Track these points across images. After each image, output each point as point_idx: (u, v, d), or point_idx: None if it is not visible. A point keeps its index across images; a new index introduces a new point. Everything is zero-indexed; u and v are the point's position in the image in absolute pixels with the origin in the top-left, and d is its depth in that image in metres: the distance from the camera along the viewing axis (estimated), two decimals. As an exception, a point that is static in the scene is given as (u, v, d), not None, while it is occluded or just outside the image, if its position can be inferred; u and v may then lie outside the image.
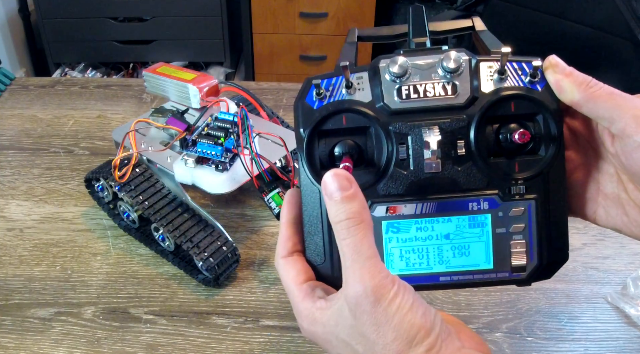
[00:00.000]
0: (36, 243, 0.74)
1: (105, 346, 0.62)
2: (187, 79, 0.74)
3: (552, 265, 0.39)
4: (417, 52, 0.39)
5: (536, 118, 0.38)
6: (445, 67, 0.37)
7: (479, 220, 0.38)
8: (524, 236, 0.39)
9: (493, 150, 0.39)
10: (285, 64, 2.36)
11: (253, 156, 0.65)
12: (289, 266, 0.39)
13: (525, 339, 0.62)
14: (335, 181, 0.34)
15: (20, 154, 0.89)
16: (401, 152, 0.38)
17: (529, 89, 0.38)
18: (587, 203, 0.41)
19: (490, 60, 0.38)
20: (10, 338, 0.63)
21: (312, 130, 0.38)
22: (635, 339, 0.63)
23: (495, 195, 0.38)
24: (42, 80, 1.08)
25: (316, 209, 0.39)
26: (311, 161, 0.39)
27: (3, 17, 2.27)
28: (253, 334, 0.63)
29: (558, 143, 0.38)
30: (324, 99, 0.38)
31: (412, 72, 0.38)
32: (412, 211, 0.38)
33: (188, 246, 0.66)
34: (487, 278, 0.39)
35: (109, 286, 0.68)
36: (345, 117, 0.38)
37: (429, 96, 0.38)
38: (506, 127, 0.38)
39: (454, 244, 0.39)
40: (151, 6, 2.21)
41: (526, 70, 0.38)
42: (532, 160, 0.38)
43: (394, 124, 0.38)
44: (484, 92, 0.38)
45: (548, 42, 1.49)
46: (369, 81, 0.38)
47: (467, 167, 0.38)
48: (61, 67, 2.37)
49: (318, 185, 0.38)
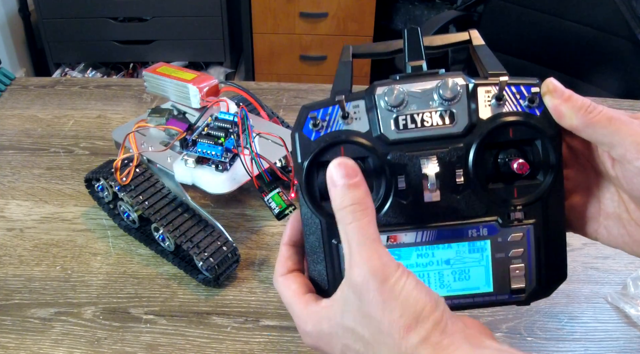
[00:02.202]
0: (36, 243, 0.74)
1: (105, 346, 0.62)
2: (187, 79, 0.74)
3: (550, 285, 0.40)
4: (414, 77, 0.38)
5: (535, 143, 0.38)
6: (442, 95, 0.37)
7: (478, 246, 0.39)
8: (523, 260, 0.39)
9: (492, 175, 0.39)
10: (285, 64, 2.36)
11: (253, 156, 0.65)
12: (289, 281, 0.40)
13: (525, 339, 0.62)
14: (342, 169, 0.35)
15: (20, 154, 0.89)
16: (400, 181, 0.38)
17: (528, 114, 0.37)
18: (588, 222, 0.41)
19: (487, 85, 0.38)
20: (10, 338, 0.63)
21: (310, 161, 0.38)
22: (635, 339, 0.63)
23: (495, 221, 0.38)
24: (42, 80, 1.08)
25: (318, 239, 0.39)
26: (311, 192, 0.39)
27: (3, 17, 2.27)
28: (253, 334, 0.63)
29: (556, 168, 0.38)
30: (321, 130, 0.38)
31: (408, 101, 0.38)
32: (413, 240, 0.39)
33: (188, 246, 0.66)
34: (487, 300, 0.40)
35: (109, 286, 0.68)
36: (343, 147, 0.38)
37: (426, 126, 0.37)
38: (505, 153, 0.38)
39: (454, 269, 0.39)
40: (151, 6, 2.21)
41: (524, 94, 0.38)
42: (531, 185, 0.38)
43: (392, 154, 0.38)
44: (482, 118, 0.37)
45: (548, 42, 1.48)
46: (366, 110, 0.38)
47: (466, 194, 0.38)
48: (61, 67, 2.37)
49: (319, 216, 0.39)
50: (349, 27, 2.26)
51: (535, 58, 1.50)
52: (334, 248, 0.39)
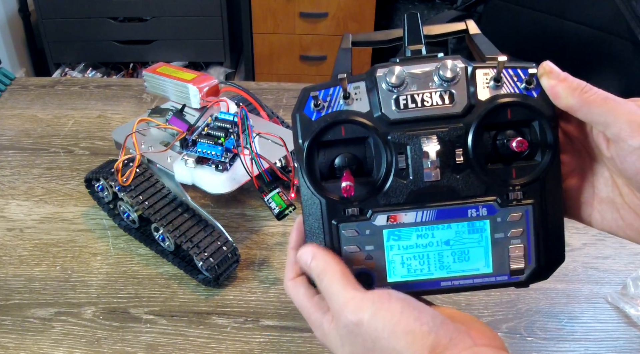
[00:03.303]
0: (36, 243, 0.74)
1: (105, 346, 0.62)
2: (187, 79, 0.74)
3: (549, 267, 0.40)
4: (413, 60, 0.39)
5: (532, 124, 0.39)
6: (442, 76, 0.38)
7: (477, 226, 0.39)
8: (522, 241, 0.39)
9: (490, 156, 0.39)
10: (285, 64, 2.36)
11: (253, 156, 0.65)
12: (298, 285, 0.41)
13: (525, 339, 0.62)
14: (301, 259, 0.39)
15: (20, 154, 0.89)
16: (400, 161, 0.38)
17: (525, 96, 0.38)
18: (582, 207, 0.41)
19: (486, 67, 0.39)
20: (10, 338, 0.63)
21: (311, 141, 0.38)
22: (635, 339, 0.63)
23: (494, 201, 0.39)
24: (42, 80, 1.08)
25: (318, 220, 0.39)
26: (311, 172, 0.39)
27: (3, 17, 2.27)
28: (253, 334, 0.63)
29: (554, 148, 0.38)
30: (322, 110, 0.38)
31: (409, 81, 0.38)
32: (413, 220, 0.39)
33: (188, 246, 0.66)
34: (486, 281, 0.40)
35: (109, 286, 0.68)
36: (343, 127, 0.38)
37: (426, 105, 0.38)
38: (503, 134, 0.39)
39: (454, 250, 0.40)
40: (151, 6, 2.21)
41: (522, 76, 0.38)
42: (529, 166, 0.39)
43: (393, 134, 0.38)
44: (481, 99, 0.38)
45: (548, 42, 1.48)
46: (367, 91, 0.39)
47: (465, 174, 0.38)
48: (61, 67, 2.37)
49: (319, 196, 0.39)
50: (349, 27, 2.26)
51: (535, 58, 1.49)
52: (334, 228, 0.39)
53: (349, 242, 0.39)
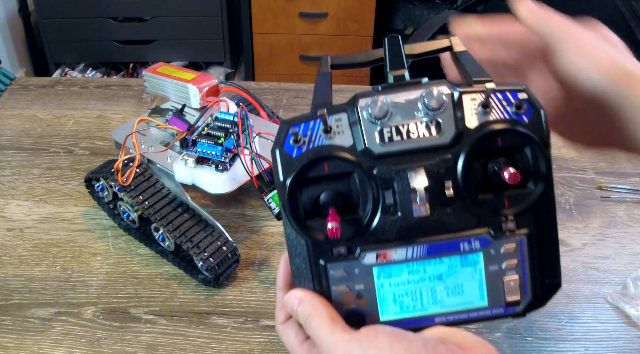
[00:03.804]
0: (36, 243, 0.74)
1: (105, 346, 0.62)
2: (187, 79, 0.74)
3: (545, 295, 0.39)
4: (396, 87, 0.37)
5: (524, 150, 0.37)
6: (427, 105, 0.36)
7: (471, 259, 0.38)
8: (517, 272, 0.38)
9: (481, 185, 0.37)
10: (285, 64, 2.36)
11: (253, 156, 0.65)
12: (288, 330, 0.40)
13: (525, 339, 0.62)
14: (287, 305, 0.39)
15: (20, 154, 0.89)
16: (387, 196, 0.36)
17: (515, 121, 0.36)
18: None
19: (473, 92, 0.36)
20: (10, 338, 0.63)
21: (293, 180, 0.36)
22: (635, 339, 0.63)
23: (486, 233, 0.37)
24: (42, 80, 1.08)
25: (304, 260, 0.38)
26: (295, 212, 0.37)
27: (3, 17, 2.27)
28: (253, 334, 0.63)
29: (547, 175, 0.37)
30: (303, 146, 0.36)
31: (392, 112, 0.36)
32: (403, 256, 0.37)
33: (188, 246, 0.66)
34: (482, 315, 0.39)
35: (109, 286, 0.68)
36: (326, 163, 0.36)
37: (412, 137, 0.36)
38: (494, 162, 0.37)
39: (447, 284, 0.38)
40: (151, 6, 2.21)
41: (511, 100, 0.36)
42: (521, 194, 0.37)
43: (378, 169, 0.36)
44: (469, 127, 0.36)
45: (548, 42, 1.49)
46: (349, 124, 0.37)
47: (456, 207, 0.36)
48: (61, 67, 2.37)
49: (304, 236, 0.37)
50: (349, 27, 2.26)
51: (535, 58, 1.49)
52: (322, 268, 0.38)
53: (338, 282, 0.38)
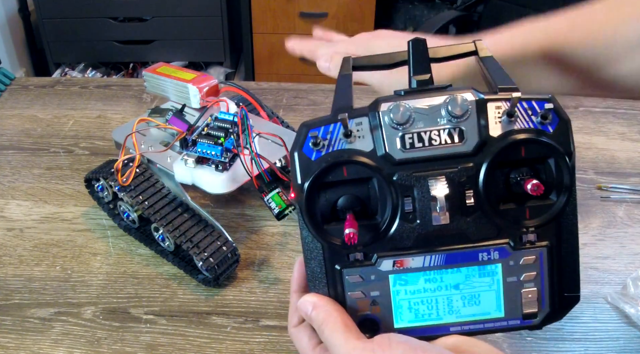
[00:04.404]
0: (36, 243, 0.74)
1: (105, 346, 0.62)
2: (187, 79, 0.74)
3: (564, 309, 0.38)
4: (420, 93, 0.36)
5: (547, 161, 0.36)
6: (450, 112, 0.35)
7: (489, 270, 0.37)
8: (536, 284, 0.37)
9: (503, 196, 0.37)
10: (285, 64, 2.36)
11: (253, 156, 0.65)
12: (300, 334, 0.40)
13: (525, 339, 0.62)
14: (302, 309, 0.39)
15: (20, 154, 0.89)
16: (407, 203, 0.36)
17: (540, 131, 0.35)
18: None
19: (498, 100, 0.36)
20: (10, 338, 0.63)
21: (311, 183, 0.36)
22: (635, 339, 0.63)
23: (506, 244, 0.36)
24: (42, 80, 1.08)
25: (320, 265, 0.38)
26: (312, 216, 0.37)
27: (3, 17, 2.27)
28: (253, 334, 0.63)
29: (570, 187, 0.36)
30: (322, 149, 0.36)
31: (415, 118, 0.35)
32: (420, 264, 0.37)
33: (188, 246, 0.66)
34: (498, 326, 0.38)
35: (109, 286, 0.68)
36: (345, 168, 0.36)
37: (434, 144, 0.35)
38: (517, 172, 0.36)
39: (463, 294, 0.38)
40: (151, 6, 2.21)
41: (537, 110, 0.35)
42: (544, 206, 0.36)
43: (399, 175, 0.35)
44: (493, 136, 0.35)
45: (548, 42, 1.49)
46: (370, 128, 0.36)
47: (476, 216, 0.36)
48: (61, 67, 2.37)
49: (321, 240, 0.37)
50: (349, 27, 2.26)
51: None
52: (337, 273, 0.37)
53: (353, 288, 0.38)
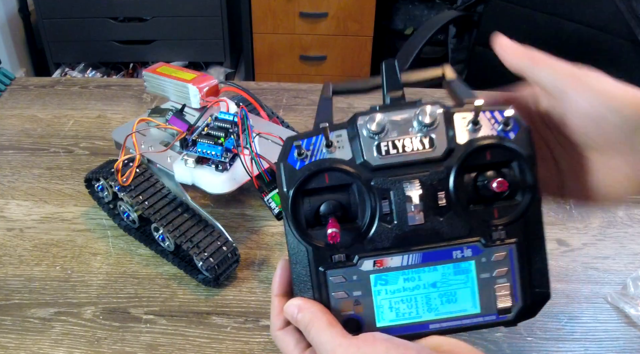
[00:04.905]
0: (36, 243, 0.74)
1: (105, 346, 0.62)
2: (187, 79, 0.74)
3: (536, 304, 0.41)
4: (393, 107, 0.40)
5: (511, 164, 0.39)
6: (421, 122, 0.38)
7: (463, 267, 0.40)
8: (508, 279, 0.40)
9: (472, 197, 0.40)
10: (285, 64, 2.36)
11: (253, 156, 0.65)
12: (287, 336, 0.41)
13: (525, 339, 0.62)
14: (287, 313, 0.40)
15: (20, 154, 0.89)
16: (384, 206, 0.39)
17: (502, 138, 0.39)
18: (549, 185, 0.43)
19: (464, 111, 0.39)
20: (10, 338, 0.63)
21: (295, 190, 0.39)
22: (635, 339, 0.63)
23: (478, 242, 0.39)
24: (42, 80, 1.08)
25: (305, 268, 0.40)
26: (297, 220, 0.39)
27: (3, 17, 2.27)
28: (253, 334, 0.63)
29: (533, 187, 0.39)
30: (306, 159, 0.39)
31: (389, 128, 0.39)
32: (399, 263, 0.39)
33: (188, 246, 0.66)
34: (475, 322, 0.41)
35: (109, 286, 0.68)
36: (327, 175, 0.39)
37: (407, 151, 0.39)
38: (483, 175, 0.39)
39: (441, 292, 0.40)
40: (151, 6, 2.21)
41: (498, 118, 0.39)
42: (510, 206, 0.39)
43: (376, 180, 0.39)
44: (460, 143, 0.39)
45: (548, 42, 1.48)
46: (348, 139, 0.39)
47: (448, 216, 0.39)
48: (61, 67, 2.37)
49: (306, 244, 0.39)
50: (349, 27, 2.26)
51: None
52: (321, 275, 0.40)
53: (336, 288, 0.40)
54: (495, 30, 0.44)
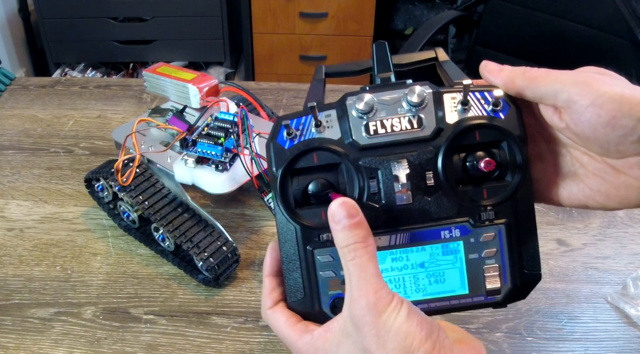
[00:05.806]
0: (36, 243, 0.74)
1: (105, 346, 0.62)
2: (187, 79, 0.74)
3: (526, 286, 0.40)
4: (382, 87, 0.40)
5: (501, 145, 0.39)
6: (409, 101, 0.38)
7: (452, 247, 0.40)
8: (497, 260, 0.40)
9: (461, 178, 0.39)
10: (285, 64, 2.36)
11: (253, 156, 0.65)
12: (278, 314, 0.41)
13: (525, 339, 0.62)
14: (343, 210, 0.36)
15: (20, 154, 0.89)
16: (372, 186, 0.39)
17: (492, 118, 0.39)
18: (547, 188, 0.42)
19: (453, 92, 0.39)
20: (10, 338, 0.63)
21: (284, 169, 0.39)
22: (635, 339, 0.63)
23: (466, 222, 0.39)
24: (42, 80, 1.08)
25: (293, 246, 0.40)
26: (286, 200, 0.39)
27: (3, 17, 2.27)
28: (253, 334, 0.63)
29: (523, 168, 0.39)
30: (295, 139, 0.39)
31: (378, 108, 0.39)
32: (387, 243, 0.39)
33: (188, 246, 0.66)
34: (463, 303, 0.40)
35: (109, 286, 0.68)
36: (316, 155, 0.39)
37: (395, 130, 0.39)
38: (472, 156, 0.39)
39: (429, 272, 0.40)
40: (151, 6, 2.21)
41: (488, 99, 0.39)
42: (500, 186, 0.39)
43: (364, 159, 0.39)
44: (449, 123, 0.39)
45: (548, 42, 1.48)
46: (337, 119, 0.39)
47: (437, 196, 0.39)
48: (61, 67, 2.37)
49: (294, 223, 0.39)
50: (349, 27, 2.26)
51: (535, 58, 1.50)
52: (309, 254, 0.39)
53: (324, 267, 0.40)
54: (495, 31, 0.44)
